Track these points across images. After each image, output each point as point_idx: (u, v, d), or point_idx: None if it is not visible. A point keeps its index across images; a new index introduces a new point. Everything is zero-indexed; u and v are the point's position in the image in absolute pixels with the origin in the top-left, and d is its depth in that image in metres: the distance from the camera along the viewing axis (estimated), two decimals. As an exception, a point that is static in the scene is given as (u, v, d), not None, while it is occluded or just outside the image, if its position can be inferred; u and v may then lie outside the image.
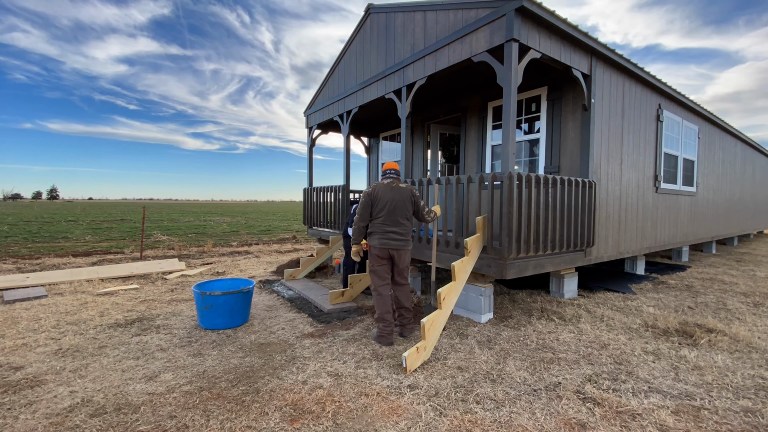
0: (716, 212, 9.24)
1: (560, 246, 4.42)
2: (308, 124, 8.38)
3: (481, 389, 2.70)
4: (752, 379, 2.87)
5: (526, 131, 5.94)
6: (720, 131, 9.37)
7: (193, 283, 6.20)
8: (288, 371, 2.99)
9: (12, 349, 3.37)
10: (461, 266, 3.70)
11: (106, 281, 6.21)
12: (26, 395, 2.60)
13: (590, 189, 4.78)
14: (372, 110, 7.66)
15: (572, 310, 4.51)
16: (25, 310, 4.54)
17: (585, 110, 4.83)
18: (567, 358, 3.22)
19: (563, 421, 2.31)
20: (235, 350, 3.41)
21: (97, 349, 3.40)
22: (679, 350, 3.40)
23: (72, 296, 5.23)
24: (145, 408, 2.46)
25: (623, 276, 6.66)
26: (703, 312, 4.59)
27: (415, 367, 3.02)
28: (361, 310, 4.65)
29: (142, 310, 4.61)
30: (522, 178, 3.91)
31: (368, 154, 9.94)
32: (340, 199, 6.89)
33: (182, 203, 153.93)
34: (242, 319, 4.12)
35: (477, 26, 4.12)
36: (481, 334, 3.78)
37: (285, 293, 5.55)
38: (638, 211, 6.03)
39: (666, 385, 2.77)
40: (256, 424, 2.29)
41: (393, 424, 2.28)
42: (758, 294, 5.54)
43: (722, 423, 2.31)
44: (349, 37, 6.77)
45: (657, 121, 6.43)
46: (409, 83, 5.21)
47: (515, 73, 3.81)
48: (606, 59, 4.99)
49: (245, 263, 8.33)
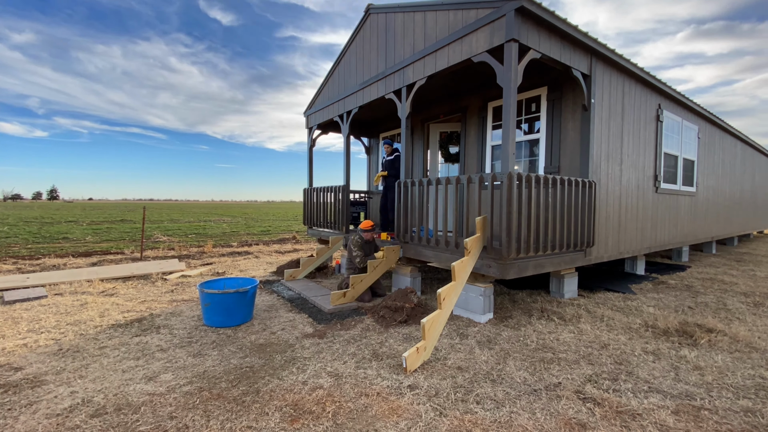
0: (716, 212, 9.24)
1: (560, 246, 4.42)
2: (308, 124, 8.39)
3: (481, 389, 2.70)
4: (752, 379, 2.87)
5: (526, 131, 5.95)
6: (720, 131, 9.37)
7: (193, 283, 6.21)
8: (288, 371, 2.99)
9: (12, 350, 3.37)
10: (461, 266, 3.70)
11: (106, 282, 6.21)
12: (26, 395, 2.61)
13: (590, 189, 4.78)
14: (372, 110, 7.67)
15: (572, 310, 4.51)
16: (26, 311, 4.54)
17: (585, 110, 4.83)
18: (567, 358, 3.22)
19: (563, 421, 2.31)
20: (236, 350, 3.41)
21: (98, 350, 3.41)
22: (679, 350, 3.40)
23: (72, 297, 5.23)
24: (145, 408, 2.46)
25: (623, 276, 6.66)
26: (703, 312, 4.59)
27: (415, 368, 3.02)
28: (361, 311, 4.64)
29: (142, 311, 4.61)
30: (522, 178, 3.91)
31: (368, 155, 9.94)
32: (340, 199, 6.89)
33: (182, 203, 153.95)
34: (241, 318, 4.12)
35: (477, 26, 4.13)
36: (481, 334, 3.78)
37: (285, 293, 5.55)
38: (638, 211, 6.03)
39: (666, 385, 2.77)
40: (256, 424, 2.29)
41: (393, 424, 2.28)
42: (758, 294, 5.54)
43: (722, 423, 2.31)
44: (349, 38, 6.78)
45: (657, 121, 6.43)
46: (409, 83, 5.21)
47: (515, 73, 3.81)
48: (606, 59, 4.99)
49: (245, 263, 8.33)
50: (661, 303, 4.97)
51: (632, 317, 4.34)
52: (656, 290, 5.71)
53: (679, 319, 4.20)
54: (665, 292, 5.57)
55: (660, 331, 3.87)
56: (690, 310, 4.69)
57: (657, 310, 4.59)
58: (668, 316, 4.29)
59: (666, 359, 3.21)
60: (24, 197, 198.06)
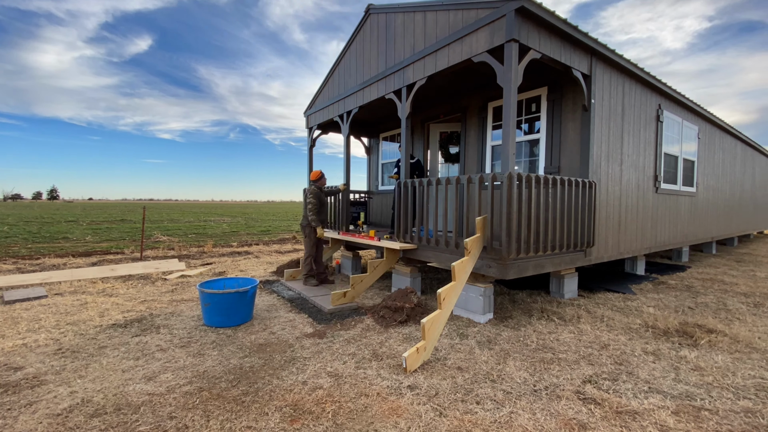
0: (716, 212, 9.23)
1: (560, 246, 4.41)
2: (308, 124, 8.38)
3: (481, 389, 2.70)
4: (752, 380, 2.86)
5: (526, 131, 5.94)
6: (720, 131, 9.37)
7: (193, 283, 6.20)
8: (288, 371, 2.99)
9: (12, 350, 3.37)
10: (461, 266, 3.70)
11: (106, 281, 6.21)
12: (26, 395, 2.60)
13: (590, 189, 4.78)
14: (372, 110, 7.67)
15: (572, 311, 4.51)
16: (25, 311, 4.53)
17: (585, 110, 4.83)
18: (567, 359, 3.21)
19: (563, 422, 2.31)
20: (235, 350, 3.41)
21: (97, 350, 3.40)
22: (680, 350, 3.40)
23: (72, 296, 5.23)
24: (145, 408, 2.45)
25: (623, 276, 6.66)
26: (704, 312, 4.59)
27: (415, 368, 3.02)
28: (361, 311, 4.64)
29: (142, 311, 4.61)
30: (522, 178, 3.91)
31: (368, 155, 9.94)
32: (340, 199, 6.89)
33: (182, 203, 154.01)
34: (241, 318, 4.12)
35: (477, 26, 4.13)
36: (481, 334, 3.78)
37: (285, 293, 5.55)
38: (638, 211, 6.03)
39: (666, 385, 2.77)
40: (256, 424, 2.29)
41: (393, 424, 2.28)
42: (758, 294, 5.54)
43: (722, 423, 2.31)
44: (349, 38, 6.78)
45: (657, 121, 6.43)
46: (409, 83, 5.21)
47: (515, 73, 3.81)
48: (606, 59, 4.99)
49: (245, 263, 8.33)
50: (661, 303, 4.97)
51: (632, 317, 4.34)
52: (656, 290, 5.70)
53: (679, 319, 4.20)
54: (665, 293, 5.57)
55: (660, 331, 3.86)
56: (690, 310, 4.69)
57: (657, 311, 4.59)
58: (668, 317, 4.29)
59: (666, 359, 3.21)
60: (24, 197, 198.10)
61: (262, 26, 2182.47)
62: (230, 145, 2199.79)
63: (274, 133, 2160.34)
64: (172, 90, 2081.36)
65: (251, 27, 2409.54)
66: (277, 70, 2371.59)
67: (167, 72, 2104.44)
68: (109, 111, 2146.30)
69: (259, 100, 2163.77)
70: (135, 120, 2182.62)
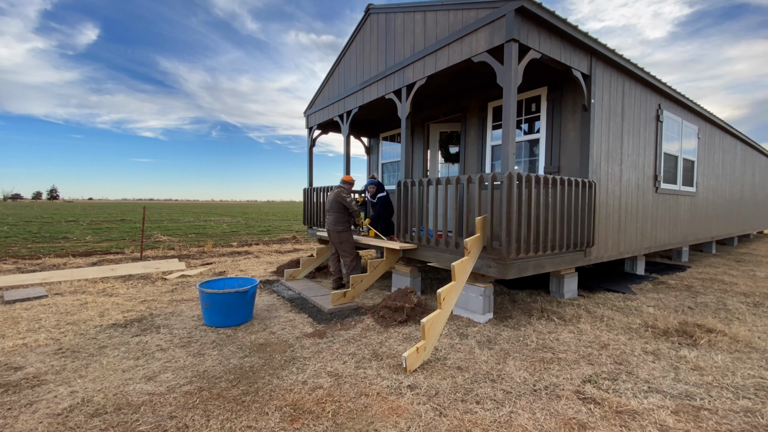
0: (716, 212, 9.24)
1: (560, 246, 4.42)
2: (308, 124, 8.38)
3: (481, 389, 2.70)
4: (752, 379, 2.87)
5: (526, 131, 5.94)
6: (720, 131, 9.37)
7: (193, 283, 6.20)
8: (288, 371, 2.99)
9: (12, 349, 3.37)
10: (461, 266, 3.70)
11: (106, 281, 6.21)
12: (26, 395, 2.61)
13: (590, 189, 4.78)
14: (372, 110, 7.66)
15: (572, 311, 4.51)
16: (26, 310, 4.54)
17: (585, 110, 4.83)
18: (567, 358, 3.22)
19: (563, 421, 2.31)
20: (235, 350, 3.41)
21: (97, 349, 3.41)
22: (679, 350, 3.40)
23: (72, 296, 5.23)
24: (145, 408, 2.46)
25: (623, 276, 6.66)
26: (703, 312, 4.59)
27: (415, 367, 3.02)
28: (361, 310, 4.65)
29: (142, 310, 4.61)
30: (522, 178, 3.91)
31: (368, 155, 9.94)
32: (340, 199, 6.87)
33: (182, 203, 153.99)
34: (241, 318, 4.13)
35: (477, 26, 4.13)
36: (481, 334, 3.79)
37: (285, 293, 5.55)
38: (638, 211, 6.03)
39: (666, 385, 2.77)
40: (256, 424, 2.29)
41: (393, 424, 2.29)
42: (758, 294, 5.54)
43: (722, 423, 2.31)
44: (349, 38, 6.77)
45: (657, 121, 6.43)
46: (409, 83, 5.21)
47: (515, 73, 3.81)
48: (606, 59, 4.99)
49: (245, 263, 8.33)
50: (661, 303, 4.97)
51: (632, 317, 4.34)
52: (656, 290, 5.71)
53: (679, 319, 4.20)
54: (665, 292, 5.57)
55: (660, 331, 3.87)
56: (690, 310, 4.69)
57: (657, 310, 4.60)
58: (668, 317, 4.29)
59: (666, 359, 3.21)
60: (24, 197, 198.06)
61: (209, 14, 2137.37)
62: (214, 143, 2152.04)
63: (257, 131, 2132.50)
64: (138, 85, 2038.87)
65: (198, 15, 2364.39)
66: (240, 63, 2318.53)
67: (127, 66, 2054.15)
68: (82, 108, 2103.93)
69: (232, 96, 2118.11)
70: (111, 117, 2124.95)
